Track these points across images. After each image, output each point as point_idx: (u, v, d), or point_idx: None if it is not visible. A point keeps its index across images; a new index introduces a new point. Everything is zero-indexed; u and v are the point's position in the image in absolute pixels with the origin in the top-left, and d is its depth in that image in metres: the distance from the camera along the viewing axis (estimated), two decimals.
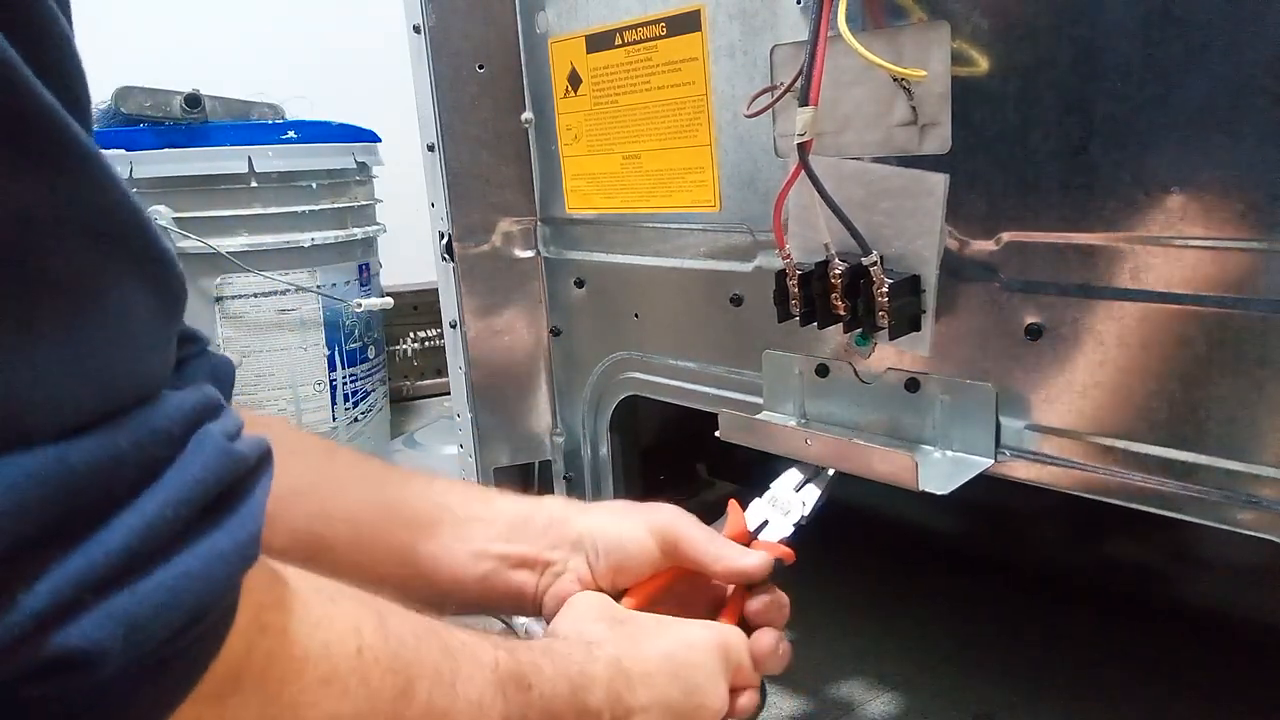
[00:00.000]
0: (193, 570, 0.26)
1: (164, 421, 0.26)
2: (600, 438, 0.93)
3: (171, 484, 0.26)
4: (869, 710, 0.78)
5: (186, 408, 0.27)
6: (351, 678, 0.33)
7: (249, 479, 0.29)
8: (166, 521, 0.26)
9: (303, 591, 0.33)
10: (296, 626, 0.31)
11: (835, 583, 0.97)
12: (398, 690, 0.34)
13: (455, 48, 0.87)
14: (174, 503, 0.26)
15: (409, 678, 0.35)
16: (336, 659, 0.32)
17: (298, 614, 0.32)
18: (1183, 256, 0.49)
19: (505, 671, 0.40)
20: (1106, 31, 0.49)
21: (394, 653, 0.35)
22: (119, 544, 0.24)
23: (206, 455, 0.27)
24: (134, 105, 1.35)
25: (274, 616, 0.31)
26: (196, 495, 0.27)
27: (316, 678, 0.31)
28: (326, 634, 0.32)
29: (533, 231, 0.92)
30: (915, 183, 0.58)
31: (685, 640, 0.51)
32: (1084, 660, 0.83)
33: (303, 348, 1.46)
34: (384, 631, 0.35)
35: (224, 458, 0.28)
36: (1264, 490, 0.49)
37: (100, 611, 0.24)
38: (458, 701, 0.37)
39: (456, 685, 0.37)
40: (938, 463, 0.61)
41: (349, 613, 0.34)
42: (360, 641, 0.34)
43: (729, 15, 0.68)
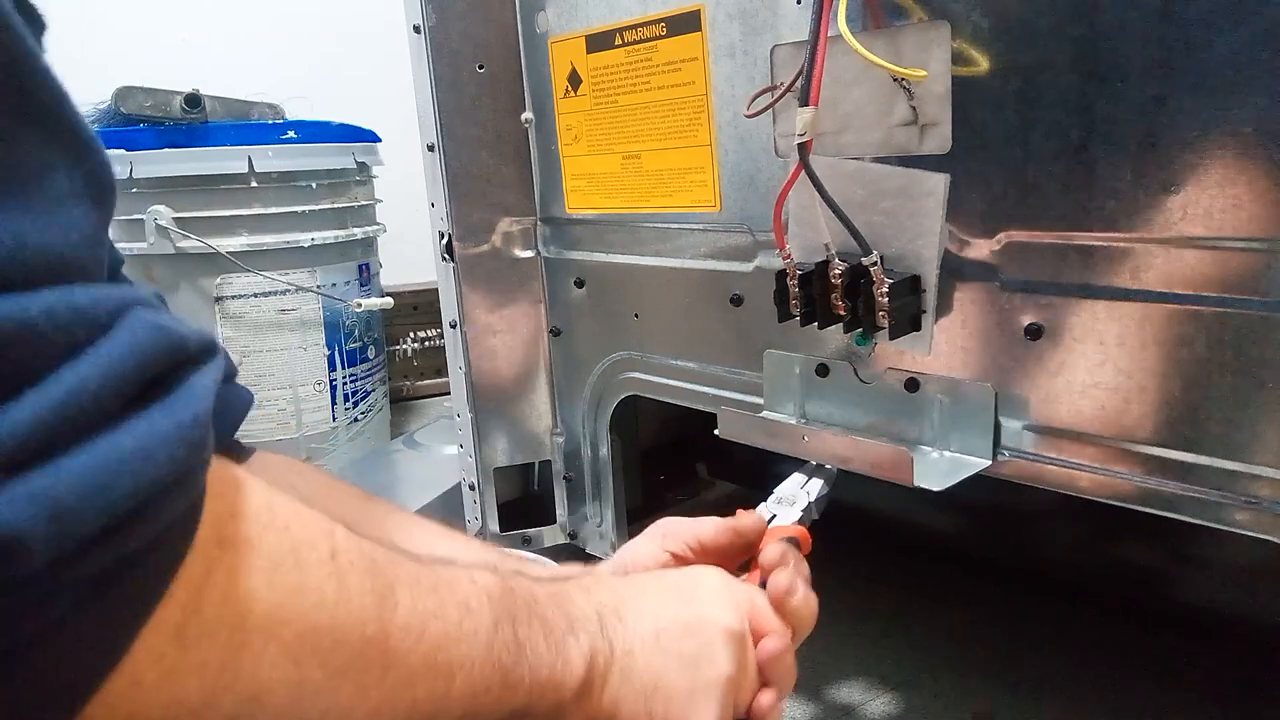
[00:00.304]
0: (125, 449, 0.23)
1: (85, 300, 0.24)
2: (600, 438, 0.93)
3: (94, 359, 0.23)
4: (869, 710, 0.78)
5: (115, 294, 0.25)
6: (327, 584, 0.30)
7: (189, 361, 0.26)
8: (89, 397, 0.23)
9: (266, 494, 0.29)
10: (260, 534, 0.28)
11: (835, 583, 0.97)
12: (379, 595, 0.31)
13: (455, 48, 0.87)
14: (97, 378, 0.23)
15: (389, 582, 0.32)
16: (308, 566, 0.29)
17: (261, 520, 0.28)
18: (1183, 256, 0.49)
19: (483, 580, 0.37)
20: (1106, 31, 0.49)
21: (370, 556, 0.32)
22: (29, 417, 0.22)
23: (136, 334, 0.24)
24: (134, 105, 1.35)
25: (235, 526, 0.27)
26: (126, 372, 0.24)
27: (287, 587, 0.28)
28: (296, 538, 0.29)
29: (533, 231, 0.92)
30: (915, 183, 0.58)
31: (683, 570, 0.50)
32: (1084, 660, 0.83)
33: (303, 348, 1.46)
34: (355, 537, 0.32)
35: (157, 336, 0.25)
36: (1263, 490, 0.49)
37: (13, 489, 0.21)
38: (445, 605, 0.34)
39: (438, 588, 0.34)
40: (935, 461, 0.61)
41: (319, 518, 0.31)
42: (333, 544, 0.31)
43: (729, 15, 0.68)
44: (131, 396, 0.24)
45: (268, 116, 1.51)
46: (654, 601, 0.45)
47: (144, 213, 1.35)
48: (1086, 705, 0.76)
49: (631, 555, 0.55)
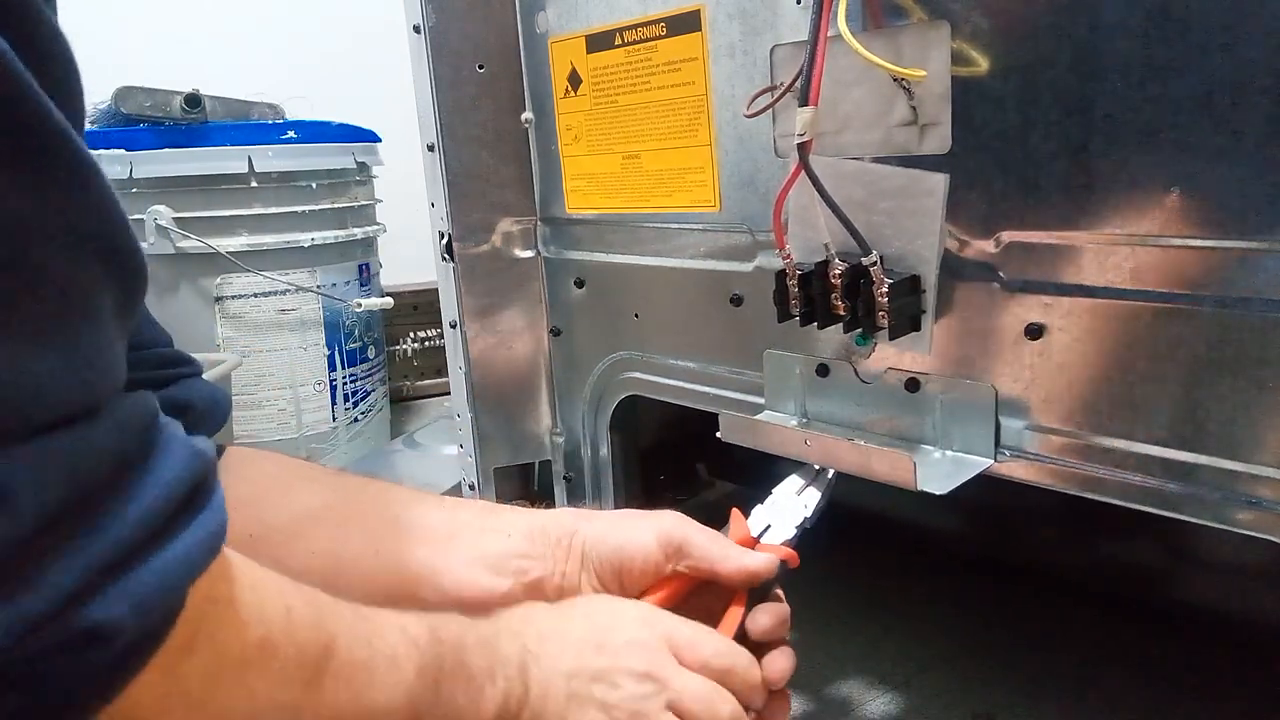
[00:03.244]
0: (179, 557, 0.29)
1: (134, 416, 0.29)
2: (600, 438, 0.93)
3: (159, 477, 0.29)
4: (869, 710, 0.78)
5: (143, 407, 0.30)
6: (282, 638, 0.35)
7: (212, 474, 0.32)
8: (159, 512, 0.28)
9: (237, 561, 0.35)
10: (239, 594, 0.34)
11: (835, 583, 0.97)
12: (321, 646, 0.37)
13: (455, 48, 0.87)
14: (163, 496, 0.29)
15: (331, 634, 0.38)
16: (270, 621, 0.35)
17: (239, 582, 0.34)
18: (1183, 256, 0.49)
19: (415, 628, 0.42)
20: (1106, 31, 0.49)
21: (316, 613, 0.38)
22: (128, 531, 0.27)
23: (182, 452, 0.30)
24: (134, 105, 1.35)
25: (222, 587, 0.33)
26: (178, 489, 0.29)
27: (255, 640, 0.34)
28: (261, 598, 0.35)
29: (533, 231, 0.92)
30: (915, 183, 0.58)
31: (610, 602, 0.52)
32: (1084, 660, 0.83)
33: (303, 348, 1.46)
34: (304, 595, 0.38)
35: (193, 454, 0.31)
36: (1263, 490, 0.49)
37: (117, 590, 0.27)
38: (375, 655, 0.39)
39: (372, 640, 0.40)
40: (937, 463, 0.61)
41: (275, 577, 0.37)
42: (287, 603, 0.36)
43: (729, 15, 0.68)
44: (175, 516, 0.29)
45: (268, 116, 1.51)
46: (573, 645, 0.48)
47: (144, 213, 1.35)
48: (1086, 705, 0.76)
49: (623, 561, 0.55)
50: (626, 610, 0.52)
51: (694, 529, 0.56)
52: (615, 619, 0.50)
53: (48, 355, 0.25)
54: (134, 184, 1.36)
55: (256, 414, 1.44)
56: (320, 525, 0.54)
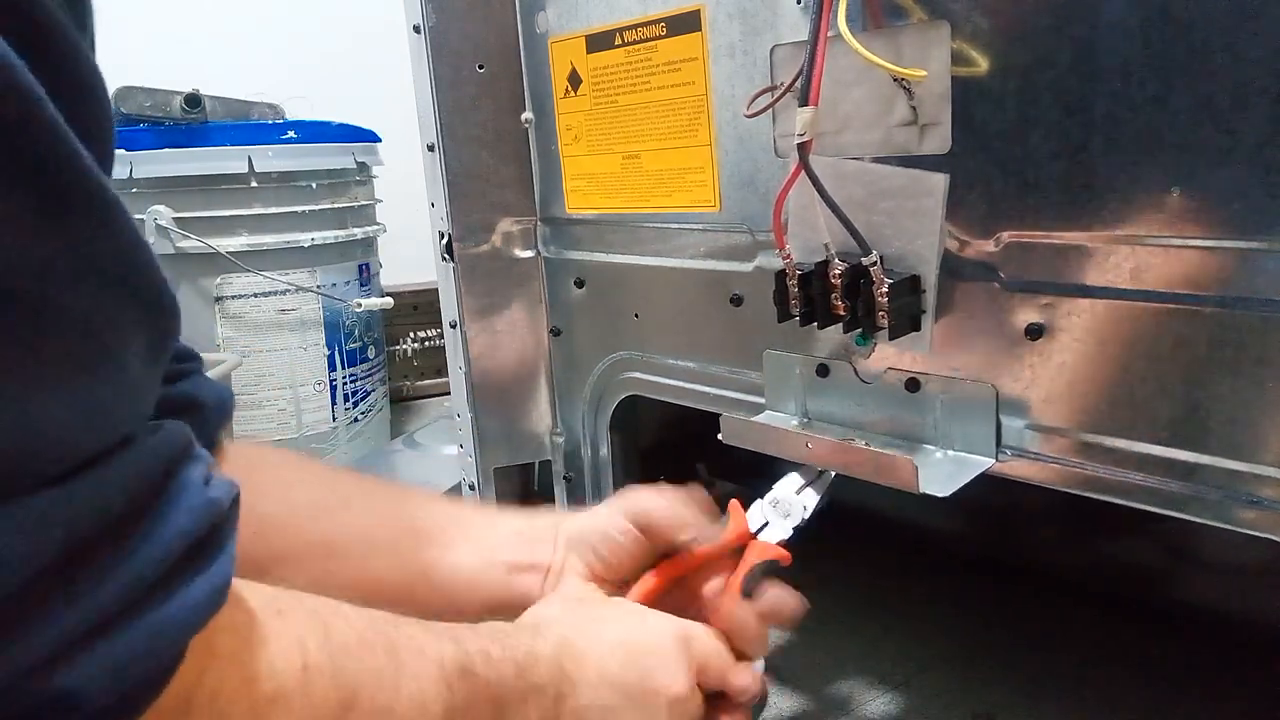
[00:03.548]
0: (173, 619, 0.27)
1: (147, 464, 0.28)
2: (600, 438, 0.93)
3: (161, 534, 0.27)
4: (869, 710, 0.78)
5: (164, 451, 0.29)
6: (296, 695, 0.34)
7: (222, 527, 0.31)
8: (155, 572, 0.27)
9: (252, 609, 0.33)
10: (244, 648, 0.32)
11: (835, 583, 0.97)
12: (340, 701, 0.35)
13: (455, 48, 0.87)
14: (161, 554, 0.27)
15: (353, 688, 0.36)
16: (282, 677, 0.33)
17: (245, 635, 0.32)
18: (1183, 256, 0.49)
19: (451, 663, 0.41)
20: (1106, 31, 0.49)
21: (337, 665, 0.36)
22: (115, 594, 0.26)
23: (190, 504, 0.29)
24: (134, 105, 1.35)
25: (225, 640, 0.31)
26: (181, 546, 0.28)
27: (263, 697, 0.32)
28: (273, 653, 0.33)
29: (533, 231, 0.92)
30: (915, 183, 0.58)
31: (641, 624, 0.52)
32: (1084, 660, 0.83)
33: (303, 348, 1.46)
34: (328, 644, 0.36)
35: (204, 506, 0.29)
36: (1265, 490, 0.49)
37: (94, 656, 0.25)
38: (400, 701, 0.38)
39: (400, 685, 0.38)
40: (938, 463, 0.61)
41: (295, 628, 0.35)
42: (305, 659, 0.34)
43: (729, 15, 0.68)
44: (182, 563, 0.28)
45: (268, 116, 1.51)
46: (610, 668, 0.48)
47: (144, 213, 1.35)
48: (1086, 705, 0.76)
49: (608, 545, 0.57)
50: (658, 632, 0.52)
51: (652, 499, 0.58)
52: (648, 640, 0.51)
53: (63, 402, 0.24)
54: (134, 184, 1.36)
55: (256, 414, 1.44)
56: (317, 517, 0.54)
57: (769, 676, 0.81)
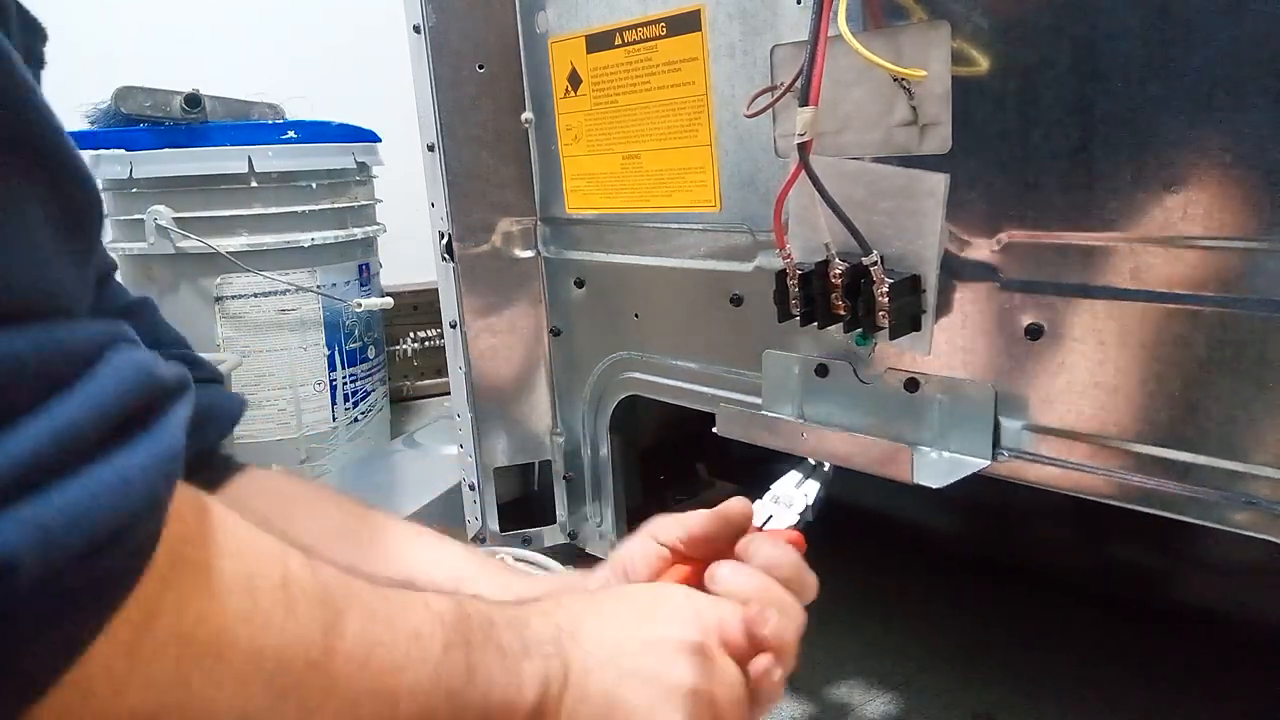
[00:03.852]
0: (108, 481, 0.25)
1: (71, 337, 0.26)
2: (600, 438, 0.93)
3: (83, 396, 0.25)
4: (869, 710, 0.78)
5: (98, 330, 0.27)
6: (275, 610, 0.31)
7: (166, 399, 0.28)
8: (78, 432, 0.25)
9: (227, 518, 0.31)
10: (216, 559, 0.29)
11: (835, 583, 0.97)
12: (326, 622, 0.33)
13: (455, 48, 0.87)
14: (86, 414, 0.25)
15: (338, 610, 0.33)
16: (259, 592, 0.31)
17: (218, 545, 0.30)
18: (1183, 256, 0.49)
19: (439, 606, 0.38)
20: (1106, 31, 0.49)
21: (323, 584, 0.33)
22: (27, 449, 0.23)
23: (121, 372, 0.26)
24: (134, 105, 1.35)
25: (193, 550, 0.29)
26: (111, 410, 0.26)
27: (237, 613, 0.30)
28: (250, 565, 0.31)
29: (533, 231, 0.92)
30: (915, 182, 0.58)
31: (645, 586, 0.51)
32: (1084, 660, 0.83)
33: (303, 348, 1.46)
34: (312, 566, 0.33)
35: (139, 375, 0.27)
36: (1263, 490, 0.49)
37: (11, 517, 0.23)
38: (394, 632, 0.35)
39: (392, 617, 0.36)
40: (935, 461, 0.61)
41: (275, 545, 0.33)
42: (285, 572, 0.32)
43: (729, 15, 0.68)
44: (114, 431, 0.26)
45: (268, 116, 1.51)
46: (612, 621, 0.45)
47: (144, 213, 1.35)
48: (1086, 705, 0.76)
49: (627, 556, 0.55)
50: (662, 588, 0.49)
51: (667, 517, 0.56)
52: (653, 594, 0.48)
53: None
54: (134, 184, 1.36)
55: (256, 414, 1.43)
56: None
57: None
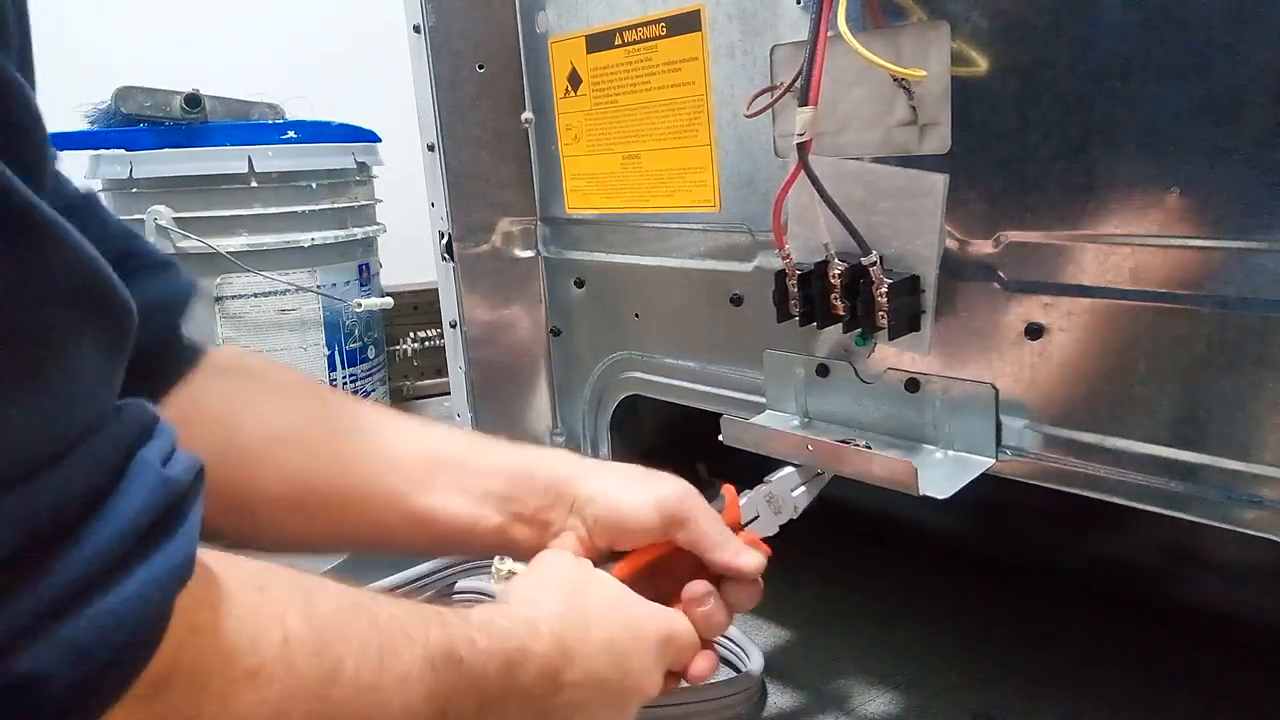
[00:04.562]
0: (133, 597, 0.28)
1: (107, 451, 0.28)
2: (600, 438, 0.93)
3: (115, 517, 0.28)
4: (869, 710, 0.78)
5: (125, 436, 0.29)
6: (277, 665, 0.34)
7: (183, 504, 0.31)
8: (112, 553, 0.27)
9: (231, 584, 0.34)
10: (225, 622, 0.32)
11: (835, 582, 0.97)
12: (324, 672, 0.36)
13: (455, 48, 0.87)
14: (118, 535, 0.28)
15: (335, 658, 0.36)
16: (263, 650, 0.33)
17: (225, 609, 0.33)
18: (1183, 256, 0.49)
19: (436, 646, 0.41)
20: (1106, 31, 0.49)
21: (319, 636, 0.36)
22: (71, 577, 0.26)
23: (146, 486, 0.29)
24: (134, 105, 1.35)
25: (204, 615, 0.32)
26: (137, 526, 0.28)
27: (243, 670, 0.33)
28: (253, 626, 0.33)
29: (533, 231, 0.92)
30: (915, 183, 0.58)
31: (633, 628, 0.52)
32: (1084, 660, 0.82)
33: (303, 348, 1.46)
34: (309, 616, 0.36)
35: (161, 487, 0.30)
36: (1265, 489, 0.49)
37: (50, 640, 0.26)
38: (384, 676, 0.38)
39: (384, 660, 0.38)
40: (938, 464, 0.61)
41: (276, 601, 0.35)
42: (285, 631, 0.35)
43: (729, 15, 0.68)
44: (140, 545, 0.29)
45: (268, 116, 1.51)
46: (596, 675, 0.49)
47: (144, 213, 1.35)
48: (1086, 705, 0.76)
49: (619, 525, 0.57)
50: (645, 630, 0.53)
51: (699, 509, 0.57)
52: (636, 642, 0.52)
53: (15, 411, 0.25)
54: (134, 184, 1.36)
55: None
56: (290, 448, 0.53)
57: (769, 676, 0.81)
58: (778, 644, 0.88)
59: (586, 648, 0.49)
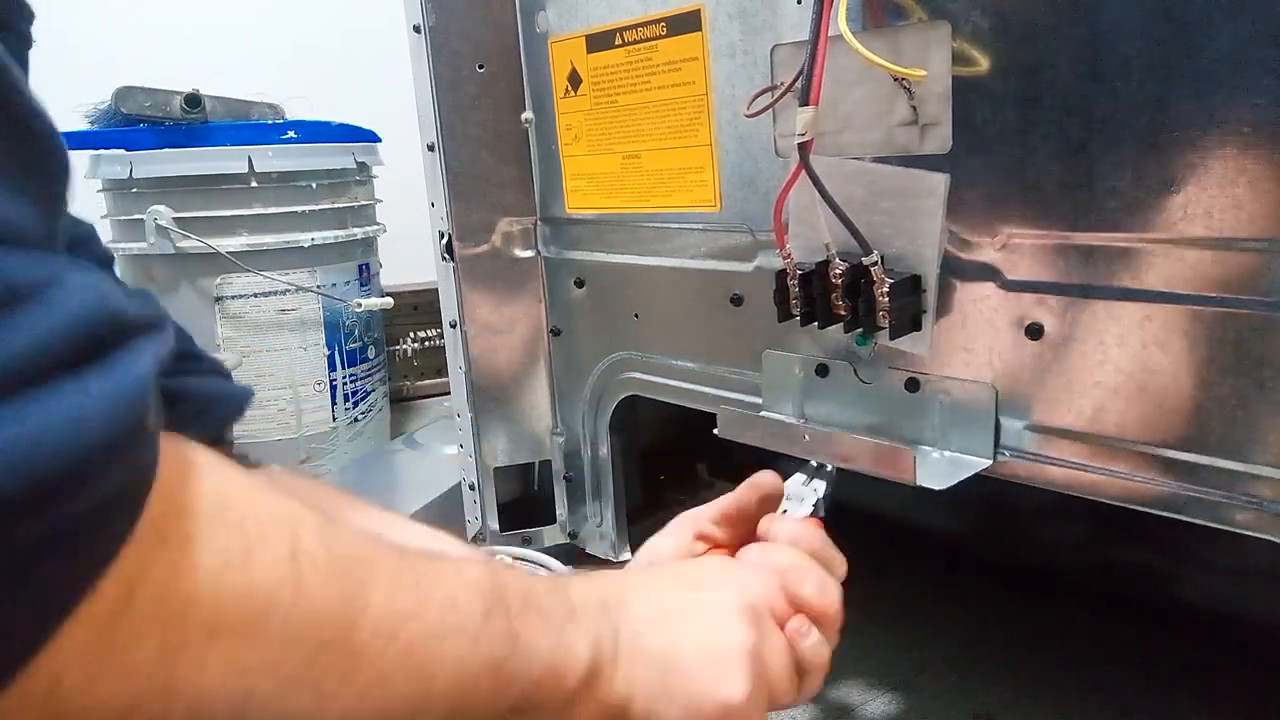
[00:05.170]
0: (54, 411, 0.22)
1: (14, 266, 0.23)
2: (600, 438, 0.93)
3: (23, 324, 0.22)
4: (869, 710, 0.78)
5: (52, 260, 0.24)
6: (281, 587, 0.28)
7: (129, 331, 0.25)
8: (16, 361, 0.22)
9: (223, 481, 0.28)
10: (209, 529, 0.26)
11: None
12: (344, 597, 0.30)
13: (455, 48, 0.87)
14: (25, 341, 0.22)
15: (358, 580, 0.30)
16: (260, 566, 0.27)
17: (212, 512, 0.27)
18: (1183, 256, 0.49)
19: (471, 574, 0.36)
20: (1106, 31, 0.49)
21: (339, 555, 0.30)
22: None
23: (71, 298, 0.23)
24: (134, 105, 1.35)
25: (180, 523, 0.26)
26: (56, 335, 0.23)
27: (233, 590, 0.26)
28: (248, 535, 0.27)
29: (533, 231, 0.92)
30: (916, 182, 0.58)
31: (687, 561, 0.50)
32: (1084, 660, 0.82)
33: (303, 348, 1.46)
34: (327, 533, 0.30)
35: (94, 301, 0.24)
36: (1264, 491, 0.49)
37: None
38: (426, 602, 0.32)
39: (423, 587, 0.33)
40: (936, 461, 0.61)
41: (285, 512, 0.30)
42: (295, 545, 0.29)
43: (729, 15, 0.68)
44: (64, 362, 0.22)
45: (268, 116, 1.51)
46: (658, 588, 0.43)
47: (144, 213, 1.35)
48: (1086, 705, 0.76)
49: (655, 551, 0.54)
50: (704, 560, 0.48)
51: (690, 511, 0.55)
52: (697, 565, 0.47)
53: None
54: (134, 184, 1.36)
55: (257, 414, 1.43)
56: None
57: None
58: None
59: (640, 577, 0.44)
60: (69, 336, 0.23)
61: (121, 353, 0.24)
